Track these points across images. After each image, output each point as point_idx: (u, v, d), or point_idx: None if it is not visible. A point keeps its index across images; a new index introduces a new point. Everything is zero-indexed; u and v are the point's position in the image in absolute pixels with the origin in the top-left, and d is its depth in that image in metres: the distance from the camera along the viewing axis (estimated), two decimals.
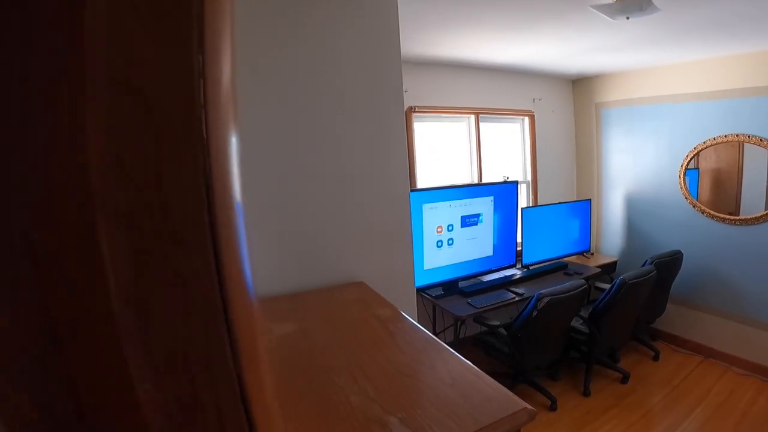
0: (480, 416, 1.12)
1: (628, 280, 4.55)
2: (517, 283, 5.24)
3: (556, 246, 5.97)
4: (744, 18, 3.94)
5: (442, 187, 4.91)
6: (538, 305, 4.06)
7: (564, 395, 4.79)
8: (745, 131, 5.19)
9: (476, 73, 5.67)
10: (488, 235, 5.30)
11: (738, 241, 5.35)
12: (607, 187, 6.68)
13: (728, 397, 4.82)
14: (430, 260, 4.84)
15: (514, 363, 4.51)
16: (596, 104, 6.66)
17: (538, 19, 3.76)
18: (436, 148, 5.54)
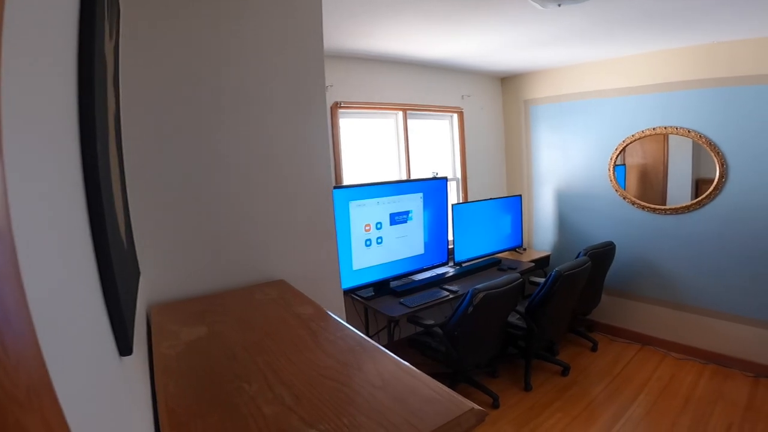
0: (419, 422, 0.95)
1: (564, 271, 4.54)
2: (450, 280, 5.14)
3: (488, 242, 5.91)
4: (672, 12, 3.95)
5: (369, 184, 4.72)
6: (473, 301, 3.94)
7: (505, 392, 4.75)
8: (672, 123, 5.36)
9: (404, 69, 5.56)
10: (418, 233, 5.16)
11: (668, 231, 5.53)
12: (538, 182, 6.73)
13: (670, 381, 4.95)
14: (359, 260, 4.65)
15: (451, 362, 4.36)
16: (525, 101, 6.73)
17: (468, 7, 3.64)
18: (363, 145, 5.38)
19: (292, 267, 2.36)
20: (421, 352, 4.57)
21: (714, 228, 5.24)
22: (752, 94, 4.85)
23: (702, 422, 4.26)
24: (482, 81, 6.66)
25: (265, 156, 2.25)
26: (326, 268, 2.53)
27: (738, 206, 5.06)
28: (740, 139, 4.97)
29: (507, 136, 7.03)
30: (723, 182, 5.13)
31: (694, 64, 5.17)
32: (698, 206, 5.30)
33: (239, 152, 2.17)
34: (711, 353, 5.34)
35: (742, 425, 4.20)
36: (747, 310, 5.10)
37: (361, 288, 4.71)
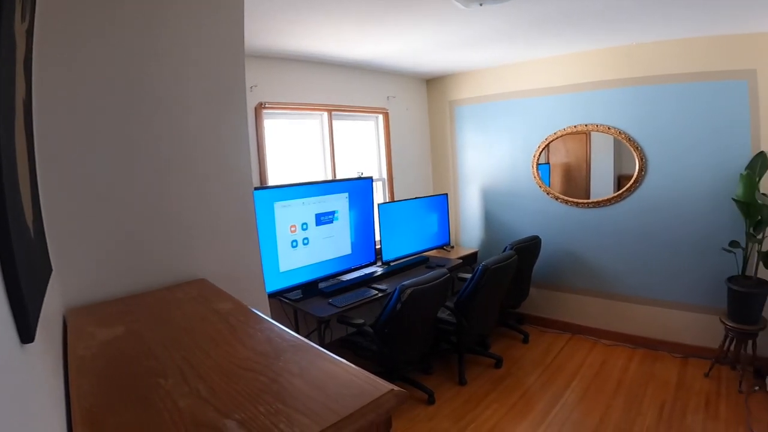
0: (338, 406, 0.95)
1: (490, 265, 4.61)
2: (378, 279, 5.15)
3: (416, 241, 5.95)
4: (591, 13, 4.08)
5: (294, 184, 4.67)
6: (401, 298, 3.95)
7: (440, 387, 4.79)
8: (593, 121, 5.61)
9: (330, 70, 5.55)
10: (345, 233, 5.15)
11: (592, 223, 5.77)
12: (463, 181, 6.84)
13: (601, 367, 5.16)
14: (285, 262, 4.58)
15: (384, 361, 4.37)
16: (450, 102, 6.84)
17: (392, 8, 3.65)
18: (289, 146, 5.32)
19: (214, 267, 2.31)
20: (353, 353, 4.52)
21: (635, 219, 5.52)
22: (668, 92, 5.15)
23: (635, 403, 4.48)
24: (408, 82, 6.72)
25: (184, 155, 2.19)
26: (249, 267, 2.49)
27: (656, 197, 5.35)
28: (657, 134, 5.26)
29: (433, 136, 7.12)
30: (642, 175, 5.41)
31: (614, 65, 5.42)
32: (619, 199, 5.56)
33: (157, 150, 2.10)
34: (640, 338, 5.62)
35: (675, 403, 4.45)
36: (671, 295, 5.40)
37: (289, 290, 4.63)
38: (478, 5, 3.34)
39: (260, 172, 4.87)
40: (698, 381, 4.84)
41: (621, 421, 4.22)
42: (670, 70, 5.13)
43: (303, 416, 0.93)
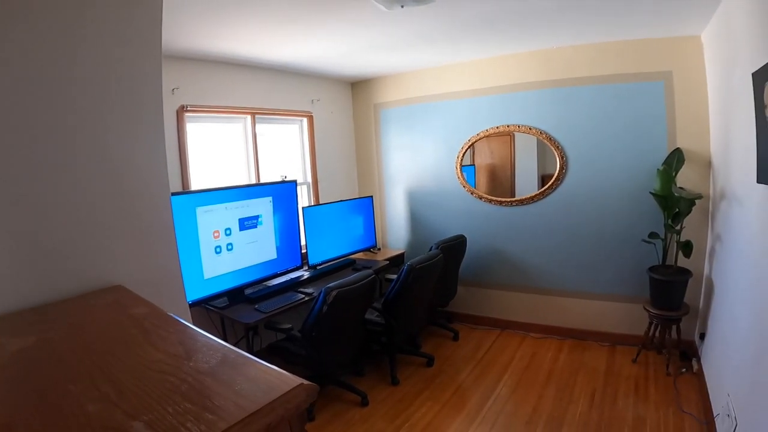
0: (246, 403, 0.93)
1: (416, 265, 4.62)
2: (305, 283, 5.10)
3: (342, 244, 5.93)
4: (512, 17, 4.18)
5: (216, 189, 4.56)
6: (327, 300, 3.91)
7: (373, 389, 4.78)
8: (515, 122, 5.76)
9: (254, 72, 5.48)
10: (270, 238, 5.06)
11: (516, 221, 5.92)
12: (389, 183, 6.89)
13: (531, 359, 5.29)
14: (210, 268, 4.46)
15: (314, 365, 4.32)
16: (375, 105, 6.87)
17: (314, 10, 3.64)
18: (212, 150, 5.22)
19: (131, 273, 2.21)
20: (284, 359, 4.45)
21: (558, 215, 5.71)
22: (588, 94, 5.37)
23: (567, 391, 4.61)
24: (333, 85, 6.72)
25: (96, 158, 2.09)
26: (167, 274, 2.39)
27: (578, 194, 5.55)
28: (577, 134, 5.47)
29: (358, 139, 7.13)
30: (564, 173, 5.60)
31: (535, 67, 5.59)
32: (542, 197, 5.72)
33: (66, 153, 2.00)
34: (568, 329, 5.80)
35: (605, 389, 4.62)
36: (596, 286, 5.61)
37: (215, 297, 4.51)
38: (399, 7, 3.36)
39: (182, 176, 4.74)
40: (627, 367, 5.03)
41: (554, 410, 4.33)
42: (590, 72, 5.36)
43: (210, 414, 0.91)
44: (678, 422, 4.05)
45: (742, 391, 3.18)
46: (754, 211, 3.27)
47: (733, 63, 3.69)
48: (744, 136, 3.38)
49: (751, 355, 3.04)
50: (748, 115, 3.17)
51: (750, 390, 2.99)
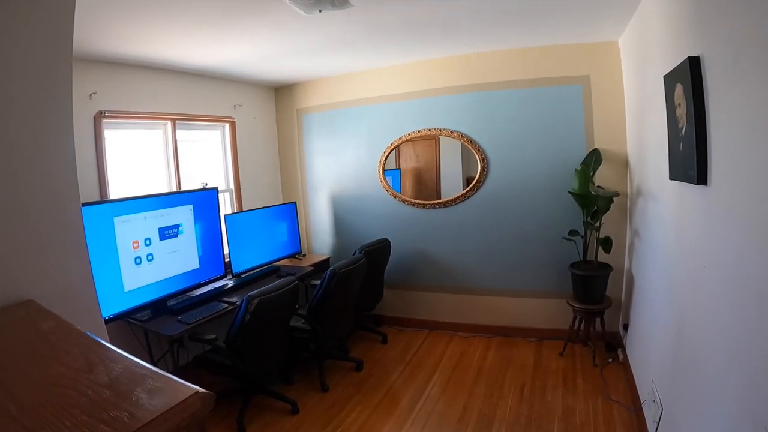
0: (141, 413, 0.91)
1: (339, 269, 4.63)
2: (229, 292, 5.00)
3: (266, 251, 5.85)
4: (433, 23, 4.23)
5: (134, 198, 4.41)
6: (249, 308, 3.84)
7: (303, 396, 4.72)
8: (436, 126, 5.85)
9: (174, 77, 5.34)
10: (192, 247, 4.93)
11: (440, 223, 5.99)
12: (313, 188, 6.86)
13: (460, 358, 5.36)
14: (130, 281, 4.30)
15: (241, 375, 4.25)
16: (298, 110, 6.83)
17: (232, 11, 3.58)
18: (132, 157, 5.04)
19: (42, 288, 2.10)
20: (210, 371, 4.37)
21: (481, 216, 5.81)
22: (508, 98, 5.51)
23: (497, 388, 4.69)
24: (255, 90, 6.64)
25: None
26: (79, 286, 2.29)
27: (500, 195, 5.68)
28: (498, 136, 5.60)
29: (281, 145, 7.07)
30: (485, 175, 5.71)
31: (457, 72, 5.69)
32: (464, 198, 5.82)
33: None
34: (495, 327, 5.90)
35: (534, 383, 4.73)
36: (520, 284, 5.75)
37: (137, 310, 4.34)
38: (317, 11, 3.35)
39: (100, 185, 4.55)
40: (554, 361, 5.17)
41: (484, 407, 4.40)
42: (511, 76, 5.49)
43: (105, 426, 0.89)
44: (607, 410, 4.18)
45: (665, 377, 3.29)
46: (668, 206, 3.40)
47: (647, 66, 3.83)
48: (657, 136, 3.51)
49: (671, 342, 3.16)
50: (660, 116, 3.30)
51: (672, 376, 3.10)
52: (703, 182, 2.45)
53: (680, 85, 2.71)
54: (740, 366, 1.96)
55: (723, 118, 2.19)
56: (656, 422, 3.33)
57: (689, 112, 2.54)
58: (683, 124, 2.70)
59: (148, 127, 5.21)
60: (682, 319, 2.92)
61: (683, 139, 2.72)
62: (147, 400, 0.97)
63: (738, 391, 1.98)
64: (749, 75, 1.86)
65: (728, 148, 2.14)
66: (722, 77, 2.17)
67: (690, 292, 2.76)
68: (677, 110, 2.82)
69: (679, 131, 2.81)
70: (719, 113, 2.24)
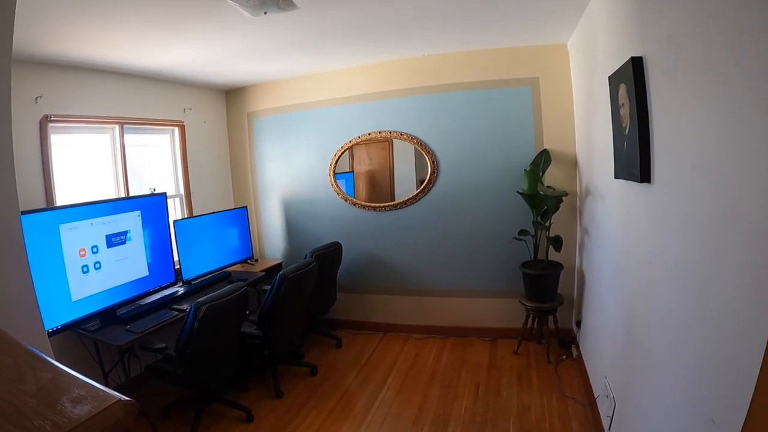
0: (63, 421, 0.89)
1: (288, 274, 4.60)
2: (180, 300, 4.91)
3: (217, 257, 5.79)
4: (382, 24, 4.24)
5: (79, 204, 4.29)
6: (197, 315, 3.78)
7: (258, 403, 4.67)
8: (387, 128, 5.87)
9: (123, 80, 5.22)
10: (140, 254, 4.83)
11: (391, 225, 6.00)
12: (264, 192, 6.81)
13: (415, 360, 5.39)
14: (78, 290, 4.18)
15: (193, 384, 4.18)
16: (248, 113, 6.77)
17: (179, 15, 3.55)
18: (80, 162, 4.91)
19: None
20: (163, 381, 4.29)
21: (432, 218, 5.85)
22: (458, 99, 5.56)
23: (451, 388, 4.72)
24: (206, 94, 6.56)
25: None
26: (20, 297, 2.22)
27: (450, 196, 5.73)
28: (448, 138, 5.64)
29: (232, 149, 6.99)
30: (435, 177, 5.75)
31: (407, 74, 5.73)
32: (415, 200, 5.86)
33: None
34: (449, 328, 5.93)
35: (489, 382, 4.77)
36: (473, 284, 5.79)
37: (86, 320, 4.22)
38: (263, 13, 3.34)
39: (46, 191, 4.41)
40: (509, 359, 5.22)
41: (439, 408, 4.41)
42: (461, 78, 5.54)
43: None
44: (562, 407, 4.24)
45: (616, 371, 3.36)
46: (614, 205, 3.47)
47: (594, 68, 3.91)
48: (603, 136, 3.59)
49: (621, 337, 3.22)
50: (606, 116, 3.38)
51: (623, 370, 3.17)
52: (647, 180, 2.50)
53: (624, 86, 2.77)
54: (684, 358, 2.01)
55: (664, 117, 2.24)
56: (609, 417, 3.39)
57: (632, 111, 2.59)
58: (627, 123, 2.76)
59: (95, 132, 5.09)
60: (631, 314, 2.98)
61: (627, 138, 2.78)
62: (70, 409, 0.94)
63: (683, 382, 2.02)
64: (687, 74, 1.91)
65: (670, 147, 2.19)
66: (663, 77, 2.22)
67: (637, 288, 2.83)
68: (621, 110, 2.88)
69: (623, 130, 2.86)
70: (661, 112, 2.29)
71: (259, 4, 3.25)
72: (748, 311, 1.37)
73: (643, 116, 2.48)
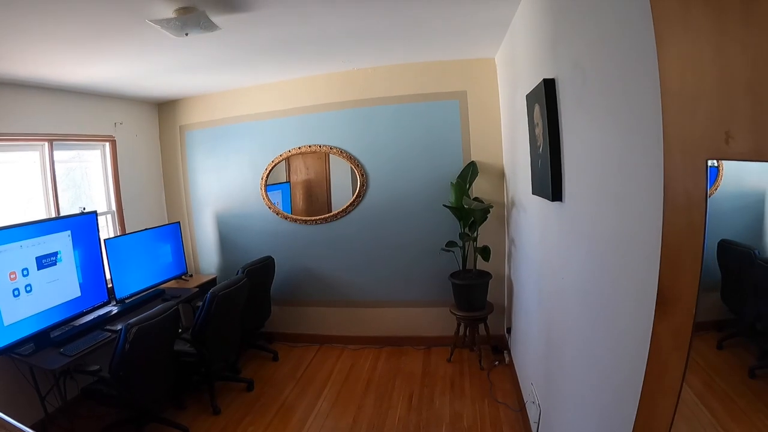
0: None
1: (218, 292, 4.64)
2: (114, 319, 4.87)
3: (150, 274, 5.74)
4: (308, 40, 4.31)
5: (8, 227, 4.21)
6: (128, 337, 3.78)
7: (195, 421, 4.67)
8: (317, 142, 5.95)
9: (49, 96, 5.11)
10: (72, 275, 4.77)
11: (321, 238, 6.10)
12: (197, 207, 6.76)
13: (351, 370, 5.49)
14: (9, 314, 4.11)
15: (129, 404, 4.17)
16: (180, 127, 6.72)
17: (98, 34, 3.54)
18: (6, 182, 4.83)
19: None
20: (99, 402, 4.25)
21: (362, 230, 5.96)
22: (386, 113, 5.68)
23: (385, 398, 4.84)
24: (137, 107, 6.48)
25: None
26: None
27: (380, 208, 5.85)
28: (377, 151, 5.75)
29: (165, 163, 6.93)
30: (365, 189, 5.86)
31: (336, 88, 5.81)
32: (345, 214, 5.96)
33: None
34: (384, 338, 6.05)
35: (422, 390, 4.92)
36: (405, 294, 5.94)
37: (19, 344, 4.15)
38: (184, 35, 3.36)
39: None
40: (442, 367, 5.38)
41: (374, 418, 4.52)
42: (389, 92, 5.66)
43: None
44: (494, 412, 4.40)
45: (541, 378, 3.52)
46: (533, 219, 3.64)
47: (516, 84, 4.05)
48: (523, 152, 3.72)
49: (543, 345, 3.39)
50: (525, 133, 3.52)
51: (545, 378, 3.33)
52: (558, 199, 2.63)
53: (538, 106, 2.89)
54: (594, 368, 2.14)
55: (574, 139, 2.36)
56: (536, 422, 3.53)
57: (545, 131, 2.72)
58: (540, 142, 2.89)
59: (23, 149, 5.00)
60: (550, 323, 3.14)
61: (541, 157, 2.91)
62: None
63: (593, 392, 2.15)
64: (591, 100, 2.04)
65: (578, 168, 2.31)
66: (572, 100, 2.35)
67: (555, 298, 2.97)
68: (536, 129, 3.01)
69: (538, 149, 3.00)
70: (570, 133, 2.41)
71: (180, 25, 3.24)
72: (642, 329, 1.48)
73: (554, 137, 2.60)
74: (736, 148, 0.90)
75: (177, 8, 3.09)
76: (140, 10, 3.11)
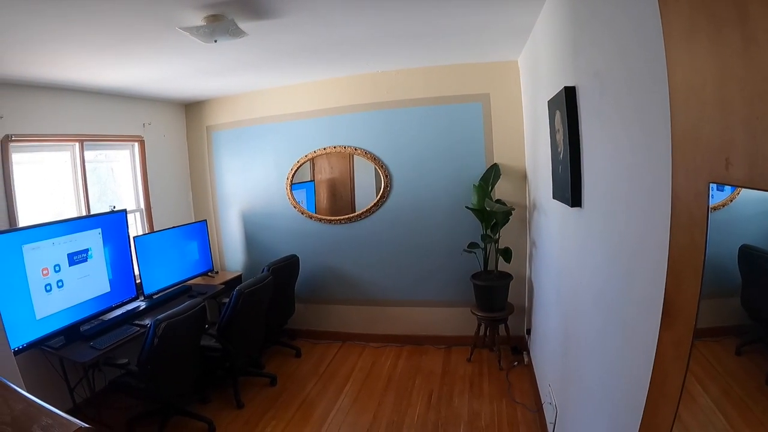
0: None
1: (244, 289, 4.72)
2: (141, 315, 5.01)
3: (178, 271, 5.86)
4: (331, 44, 4.36)
5: (41, 224, 4.36)
6: (157, 332, 3.89)
7: (219, 414, 4.75)
8: (341, 143, 6.01)
9: (82, 97, 5.26)
10: (102, 271, 4.91)
11: (346, 237, 6.16)
12: (223, 206, 6.87)
13: (372, 368, 5.54)
14: (41, 308, 4.26)
15: (155, 397, 4.29)
16: (207, 127, 6.81)
17: (130, 40, 3.62)
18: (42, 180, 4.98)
19: None
20: (127, 395, 4.38)
21: (385, 231, 6.01)
22: (411, 115, 5.72)
23: (405, 396, 4.90)
24: (165, 108, 6.60)
25: None
26: None
27: (403, 209, 5.90)
28: (401, 152, 5.79)
29: (192, 163, 7.04)
30: (389, 191, 5.91)
31: (361, 90, 5.87)
32: (369, 214, 6.01)
33: None
34: (405, 336, 6.10)
35: (441, 389, 4.96)
36: (427, 294, 6.00)
37: (50, 337, 4.29)
38: (213, 41, 3.42)
39: (9, 212, 4.48)
40: (462, 366, 5.42)
41: (393, 415, 4.59)
42: (414, 95, 5.70)
43: None
44: (511, 412, 4.44)
45: (558, 380, 3.54)
46: (554, 223, 3.67)
47: (538, 88, 4.08)
48: (545, 155, 3.75)
49: (560, 347, 3.41)
50: (546, 137, 3.54)
51: (562, 379, 3.36)
52: (578, 205, 2.67)
53: (559, 112, 2.92)
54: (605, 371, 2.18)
55: (592, 146, 2.40)
56: (552, 423, 3.57)
57: (565, 138, 2.74)
58: (561, 149, 2.91)
59: (56, 149, 5.14)
60: (567, 326, 3.16)
61: (561, 162, 2.94)
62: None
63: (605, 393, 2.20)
64: (608, 111, 2.07)
65: (594, 174, 2.35)
66: (591, 108, 2.38)
67: (572, 303, 3.00)
68: (557, 135, 3.04)
69: (558, 155, 3.03)
70: (589, 142, 2.44)
71: (210, 32, 3.30)
72: (651, 336, 1.52)
73: (574, 144, 2.63)
74: (734, 174, 0.95)
75: (206, 16, 3.16)
76: (171, 19, 3.19)
